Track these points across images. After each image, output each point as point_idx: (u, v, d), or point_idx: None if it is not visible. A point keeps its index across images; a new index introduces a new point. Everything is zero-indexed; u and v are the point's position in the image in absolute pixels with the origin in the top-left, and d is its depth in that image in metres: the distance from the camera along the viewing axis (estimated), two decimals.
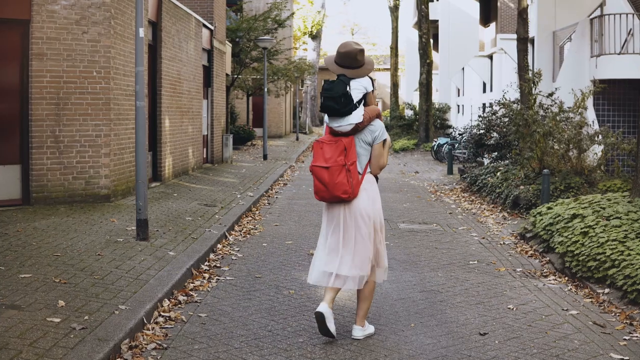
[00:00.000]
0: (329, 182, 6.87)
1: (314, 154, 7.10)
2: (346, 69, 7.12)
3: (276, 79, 44.21)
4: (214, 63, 25.08)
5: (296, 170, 26.98)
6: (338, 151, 6.90)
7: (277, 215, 15.48)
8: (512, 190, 16.48)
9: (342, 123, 6.97)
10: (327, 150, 6.95)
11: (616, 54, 21.87)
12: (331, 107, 6.93)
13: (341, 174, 6.85)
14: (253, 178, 21.71)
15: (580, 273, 9.91)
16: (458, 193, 20.32)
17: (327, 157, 6.91)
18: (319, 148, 7.03)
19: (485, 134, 22.43)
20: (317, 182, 7.01)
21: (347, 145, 6.95)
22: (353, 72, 7.12)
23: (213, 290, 8.95)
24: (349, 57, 7.09)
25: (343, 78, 7.05)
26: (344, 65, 7.12)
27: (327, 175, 6.87)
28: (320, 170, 6.93)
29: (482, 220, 15.46)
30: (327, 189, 6.91)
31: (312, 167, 7.04)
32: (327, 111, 6.99)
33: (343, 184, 6.86)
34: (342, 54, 7.11)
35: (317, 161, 7.00)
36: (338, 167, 6.85)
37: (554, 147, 16.62)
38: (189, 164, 21.07)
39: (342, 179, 6.85)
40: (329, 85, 7.01)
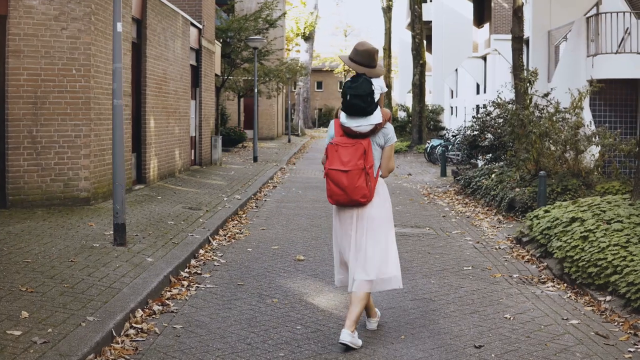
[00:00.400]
0: (348, 186, 6.79)
1: (328, 156, 6.93)
2: (364, 68, 7.04)
3: (267, 80, 43.68)
4: (202, 63, 24.53)
5: (286, 173, 26.46)
6: (358, 154, 6.80)
7: (264, 218, 14.96)
8: (507, 193, 15.99)
9: (363, 123, 6.83)
10: (344, 153, 6.82)
11: (613, 53, 21.40)
12: (358, 106, 6.78)
13: (361, 177, 6.78)
14: (242, 180, 21.19)
15: (580, 279, 9.41)
16: (452, 195, 19.82)
17: (345, 161, 6.79)
18: (334, 151, 6.88)
19: (479, 135, 21.94)
20: (332, 186, 6.88)
21: (367, 147, 6.84)
22: (370, 72, 7.04)
23: (191, 299, 8.42)
24: (368, 56, 7.03)
25: (365, 77, 6.93)
26: (362, 63, 7.04)
27: (346, 179, 6.78)
28: (338, 174, 6.81)
29: (477, 223, 14.97)
30: (346, 193, 6.82)
31: (329, 170, 6.88)
32: (352, 110, 6.81)
33: (362, 188, 6.80)
34: (361, 51, 7.04)
35: (333, 164, 6.85)
36: (358, 170, 6.77)
37: (550, 149, 16.13)
38: (175, 166, 20.53)
39: (362, 183, 6.79)
40: (354, 83, 6.85)
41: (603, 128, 16.40)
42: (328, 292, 8.94)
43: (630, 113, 22.04)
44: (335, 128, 7.02)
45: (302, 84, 70.77)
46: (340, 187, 6.81)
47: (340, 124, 6.94)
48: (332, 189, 6.87)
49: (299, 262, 10.70)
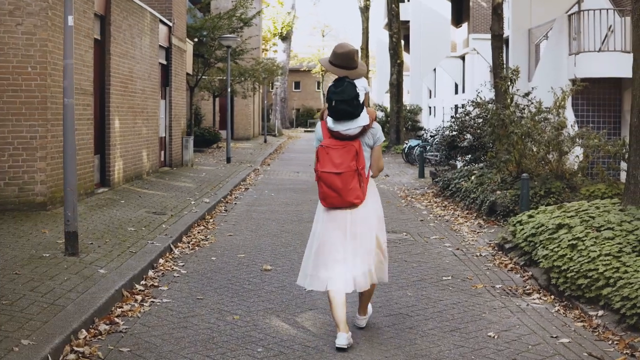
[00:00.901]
0: (342, 188, 6.77)
1: (319, 159, 6.88)
2: (345, 70, 7.00)
3: (243, 80, 42.89)
4: (172, 61, 23.71)
5: (260, 174, 25.65)
6: (350, 156, 6.79)
7: (232, 223, 14.18)
8: (487, 196, 15.31)
9: (351, 126, 6.82)
10: (335, 155, 6.81)
11: (596, 52, 20.76)
12: (345, 111, 6.77)
13: (354, 179, 6.79)
14: (212, 183, 20.40)
15: (568, 291, 8.71)
16: (430, 198, 19.13)
17: (338, 163, 6.78)
18: (324, 153, 6.85)
19: (458, 135, 21.26)
20: (326, 189, 6.85)
21: (358, 149, 6.84)
22: (352, 73, 7.00)
23: (144, 316, 7.64)
24: (348, 58, 6.99)
25: (348, 80, 6.92)
26: (342, 66, 7.01)
27: (339, 181, 6.76)
28: (331, 177, 6.79)
29: (456, 228, 14.27)
30: (340, 195, 6.80)
31: (321, 173, 6.84)
32: (339, 115, 6.79)
33: (356, 189, 6.81)
34: (340, 54, 7.00)
35: (325, 167, 6.82)
36: (351, 172, 6.77)
37: (532, 150, 15.44)
38: (143, 167, 19.71)
39: (355, 184, 6.80)
40: (338, 88, 6.83)
41: (588, 128, 15.73)
42: (295, 307, 8.19)
43: (613, 113, 21.42)
44: (323, 130, 6.97)
45: (280, 83, 70.10)
46: (333, 190, 6.79)
47: (328, 128, 6.90)
48: (326, 191, 6.85)
49: (265, 272, 9.96)
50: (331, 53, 7.10)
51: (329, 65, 7.09)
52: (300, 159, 35.17)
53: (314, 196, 18.99)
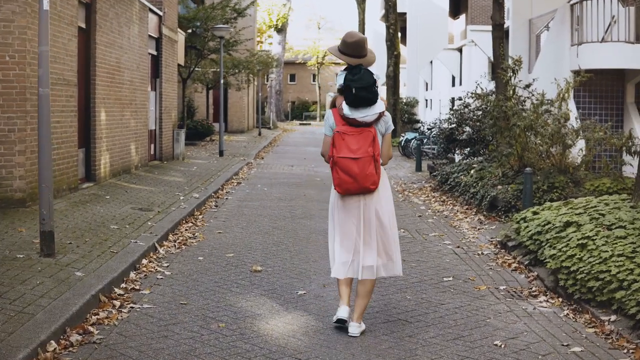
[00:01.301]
0: (359, 174, 6.81)
1: (336, 145, 6.89)
2: (356, 59, 7.04)
3: (237, 72, 42.26)
4: (163, 52, 23.06)
5: (253, 168, 25.03)
6: (367, 142, 6.83)
7: (222, 220, 13.57)
8: (488, 191, 14.74)
9: (369, 113, 6.87)
10: (352, 141, 6.84)
11: (598, 42, 20.18)
12: (365, 98, 6.83)
13: (371, 164, 6.81)
14: (203, 177, 19.78)
15: (578, 294, 8.13)
16: (428, 192, 18.57)
17: (355, 148, 6.82)
18: (340, 139, 6.87)
19: (456, 128, 20.67)
20: (342, 174, 6.87)
21: (375, 135, 6.88)
22: (363, 61, 7.06)
23: (121, 325, 7.02)
24: (359, 46, 7.03)
25: (364, 67, 7.00)
26: (353, 55, 7.04)
27: (356, 167, 6.80)
28: (348, 162, 6.82)
29: (456, 224, 13.70)
30: (356, 181, 6.84)
31: (338, 158, 6.87)
32: (360, 102, 6.84)
33: (372, 175, 6.83)
34: (350, 43, 7.03)
35: (341, 152, 6.85)
36: (368, 157, 6.80)
37: (535, 143, 14.86)
38: (131, 161, 19.08)
39: (372, 170, 6.83)
40: (355, 75, 6.88)
41: (592, 121, 15.14)
42: (286, 313, 7.59)
43: (616, 105, 20.86)
44: (336, 118, 7.00)
45: (275, 76, 69.43)
46: (350, 175, 6.83)
47: (342, 115, 6.92)
48: (342, 177, 6.87)
49: (255, 273, 9.35)
50: (341, 42, 7.13)
51: (339, 54, 7.14)
52: (295, 152, 34.57)
53: (307, 190, 18.42)
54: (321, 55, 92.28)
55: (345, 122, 6.93)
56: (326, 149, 7.07)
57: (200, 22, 32.68)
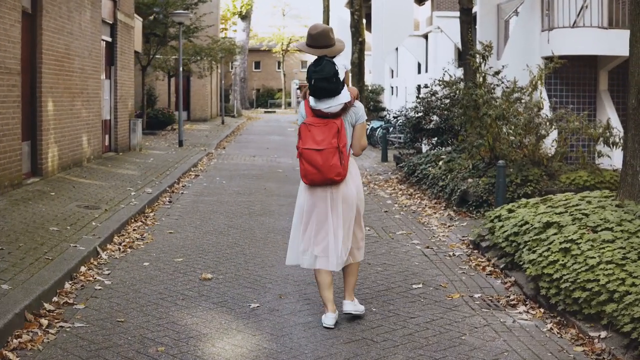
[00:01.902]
0: (323, 165, 6.85)
1: (302, 136, 6.98)
2: (322, 49, 7.08)
3: (199, 59, 41.20)
4: (118, 38, 21.95)
5: (213, 158, 24.04)
6: (331, 133, 6.87)
7: (175, 217, 12.65)
8: (458, 184, 13.95)
9: (332, 104, 6.93)
10: (317, 133, 6.90)
11: (569, 28, 19.42)
12: (325, 88, 6.89)
13: (335, 156, 6.85)
14: (159, 169, 18.82)
15: (562, 305, 7.34)
16: (394, 185, 17.76)
17: (319, 140, 6.87)
18: (306, 131, 6.95)
19: (423, 117, 19.87)
20: (307, 166, 6.93)
21: (340, 126, 6.92)
22: (330, 51, 7.09)
23: (47, 349, 6.10)
24: (323, 36, 7.06)
25: (327, 58, 7.03)
26: (319, 46, 7.08)
27: (320, 158, 6.84)
28: (312, 153, 6.87)
29: (424, 220, 12.91)
30: (320, 172, 6.88)
31: (303, 149, 6.93)
32: (320, 93, 6.91)
33: (336, 166, 6.86)
34: (314, 35, 7.06)
35: (306, 144, 6.92)
36: (332, 149, 6.84)
37: (507, 133, 14.07)
38: (83, 153, 18.04)
39: (336, 161, 6.85)
40: (317, 66, 6.96)
41: (567, 110, 14.37)
42: (235, 332, 6.71)
43: (588, 93, 20.12)
44: (306, 109, 7.09)
45: (239, 63, 68.38)
46: (314, 166, 6.87)
47: (310, 107, 7.02)
48: (307, 168, 6.93)
49: (204, 281, 8.47)
50: (306, 35, 7.13)
51: (307, 48, 7.15)
52: (258, 141, 33.61)
53: (268, 183, 17.54)
54: (286, 43, 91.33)
55: (313, 113, 7.01)
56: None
57: (160, 8, 31.61)
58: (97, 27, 19.30)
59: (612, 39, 18.77)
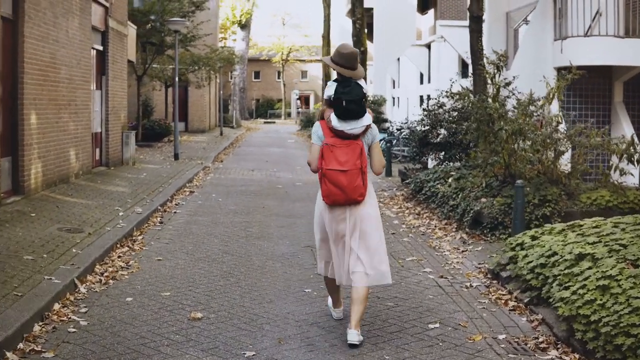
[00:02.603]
0: (348, 186, 6.91)
1: (324, 157, 6.99)
2: (348, 70, 7.14)
3: (197, 69, 40.27)
4: (109, 46, 20.96)
5: (210, 173, 23.06)
6: (355, 155, 6.93)
7: (165, 241, 11.65)
8: (470, 204, 12.98)
9: (356, 125, 6.96)
10: (340, 154, 6.94)
11: (583, 37, 18.50)
12: (354, 111, 6.93)
13: (359, 177, 6.92)
14: (152, 185, 17.84)
15: (601, 352, 6.37)
16: (400, 202, 16.80)
17: (343, 161, 6.91)
18: (329, 152, 6.97)
19: (430, 130, 18.91)
20: (331, 186, 6.96)
21: (362, 147, 6.99)
22: (353, 74, 7.15)
23: None
24: (352, 58, 7.16)
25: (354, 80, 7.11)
26: (345, 66, 7.14)
27: (345, 179, 6.89)
28: (336, 174, 6.91)
29: (435, 244, 11.94)
30: (345, 193, 6.93)
31: (326, 170, 6.96)
32: (348, 115, 6.92)
33: (360, 187, 6.95)
34: (345, 54, 7.15)
35: (330, 164, 6.95)
36: (356, 170, 6.91)
37: (524, 150, 13.09)
38: (70, 169, 17.04)
39: (360, 182, 6.93)
40: (346, 88, 6.99)
41: (587, 124, 13.38)
42: None
43: (602, 105, 19.19)
44: (324, 129, 7.09)
45: (239, 73, 67.56)
46: (339, 187, 6.91)
47: (330, 127, 7.01)
48: (331, 189, 6.95)
49: (194, 321, 7.46)
50: (334, 53, 7.22)
51: (332, 64, 7.21)
52: (257, 153, 32.64)
53: (267, 201, 16.57)
54: (286, 52, 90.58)
55: (333, 134, 7.00)
56: (313, 157, 7.12)
57: (157, 16, 30.67)
58: (86, 34, 18.33)
59: (628, 48, 17.87)
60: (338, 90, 6.98)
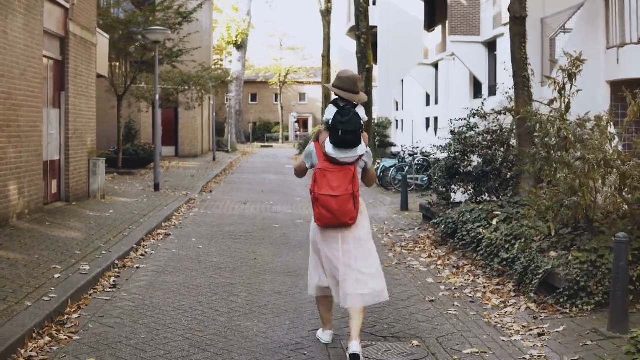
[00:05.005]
0: (338, 210, 6.98)
1: (317, 181, 7.07)
2: (349, 94, 7.18)
3: (187, 89, 36.75)
4: (70, 56, 17.28)
5: (195, 207, 19.41)
6: (347, 180, 7.03)
7: (110, 325, 7.97)
8: (536, 260, 9.45)
9: (349, 155, 7.06)
10: (332, 179, 7.03)
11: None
12: (350, 142, 7.01)
13: (350, 201, 7.01)
14: (117, 227, 14.23)
15: None
16: (428, 248, 13.35)
17: (335, 186, 7.01)
18: (322, 176, 7.06)
19: (460, 157, 15.41)
20: (323, 211, 7.04)
21: (355, 173, 7.09)
22: (354, 97, 7.20)
23: None
24: (352, 81, 7.23)
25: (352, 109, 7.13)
26: (346, 89, 7.19)
27: (335, 204, 6.99)
28: (328, 199, 7.00)
29: (495, 320, 8.45)
30: (335, 217, 7.02)
31: (319, 195, 7.03)
32: (344, 145, 7.01)
33: (351, 211, 7.03)
34: (344, 78, 7.25)
35: (322, 189, 7.03)
36: (347, 195, 7.00)
37: (609, 186, 9.54)
38: (10, 208, 13.28)
39: (350, 206, 7.02)
40: (344, 117, 7.02)
41: None
42: None
43: None
44: (318, 153, 7.19)
45: (234, 95, 64.13)
46: (330, 211, 7.01)
47: (324, 152, 7.06)
48: (322, 213, 7.05)
49: None
50: (335, 78, 7.29)
51: (333, 88, 7.24)
52: (251, 182, 29.03)
53: (260, 248, 13.02)
54: (284, 74, 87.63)
55: (326, 158, 7.08)
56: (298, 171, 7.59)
57: (139, 28, 27.18)
58: (35, 39, 14.66)
59: None
60: (337, 118, 7.01)
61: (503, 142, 15.09)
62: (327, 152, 7.01)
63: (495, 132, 15.15)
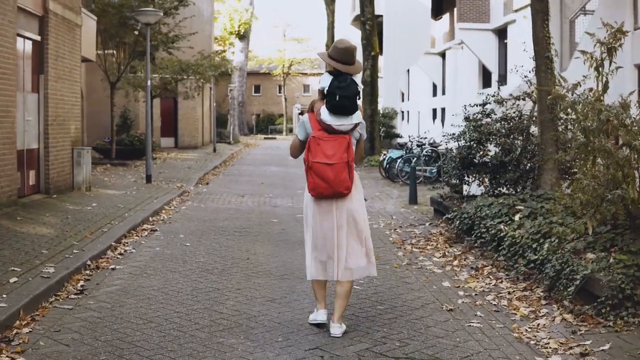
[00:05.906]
0: (334, 179, 6.95)
1: (311, 150, 7.02)
2: (346, 65, 7.10)
3: (184, 77, 35.41)
4: (50, 37, 15.87)
5: (188, 200, 18.07)
6: (342, 148, 6.99)
7: (65, 342, 6.58)
8: (570, 263, 8.12)
9: (345, 122, 7.03)
10: (327, 147, 6.98)
11: None
12: (346, 107, 6.99)
13: (345, 170, 6.97)
14: (96, 222, 12.90)
15: None
16: (441, 245, 12.07)
17: (330, 154, 6.96)
18: (316, 144, 7.01)
19: (476, 147, 14.10)
20: (317, 179, 7.01)
21: (349, 142, 7.04)
22: (350, 69, 7.14)
23: None
24: (349, 53, 7.13)
25: (350, 77, 7.09)
26: (343, 61, 7.11)
27: (331, 172, 6.94)
28: (323, 167, 6.95)
29: (526, 335, 7.11)
30: (330, 186, 6.98)
31: (313, 163, 7.00)
32: (340, 110, 6.99)
33: (346, 180, 6.99)
34: (341, 49, 7.14)
35: (316, 157, 6.98)
36: (343, 163, 6.96)
37: None
38: None
39: (345, 175, 6.98)
40: (342, 83, 6.99)
41: None
42: None
43: None
44: (312, 122, 7.15)
45: (237, 85, 62.87)
46: (325, 180, 6.96)
47: (319, 120, 7.02)
48: (317, 182, 7.00)
49: None
50: (331, 48, 7.21)
51: (329, 59, 7.14)
52: (251, 173, 27.71)
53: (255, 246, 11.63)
54: (287, 65, 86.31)
55: (321, 127, 7.03)
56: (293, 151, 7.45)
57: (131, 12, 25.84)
58: (7, 16, 13.32)
59: None
60: (333, 84, 6.95)
61: (522, 129, 13.82)
62: (322, 119, 6.97)
63: (513, 118, 13.92)
